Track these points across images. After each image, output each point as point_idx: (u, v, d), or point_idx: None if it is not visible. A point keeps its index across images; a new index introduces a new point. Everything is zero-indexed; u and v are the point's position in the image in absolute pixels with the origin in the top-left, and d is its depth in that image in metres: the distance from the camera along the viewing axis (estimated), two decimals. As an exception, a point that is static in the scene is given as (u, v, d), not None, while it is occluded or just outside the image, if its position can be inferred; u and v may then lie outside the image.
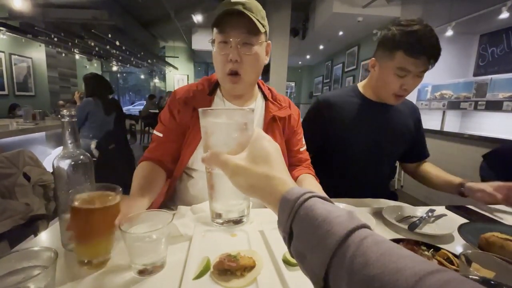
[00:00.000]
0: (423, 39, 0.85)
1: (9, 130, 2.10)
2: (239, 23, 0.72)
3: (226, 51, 0.75)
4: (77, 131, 0.54)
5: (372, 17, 4.08)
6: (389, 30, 0.93)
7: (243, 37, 0.74)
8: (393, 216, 0.75)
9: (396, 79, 0.92)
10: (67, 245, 0.56)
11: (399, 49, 0.89)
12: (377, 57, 0.98)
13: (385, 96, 0.99)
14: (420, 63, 0.87)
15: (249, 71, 0.78)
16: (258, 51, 0.78)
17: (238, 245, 0.59)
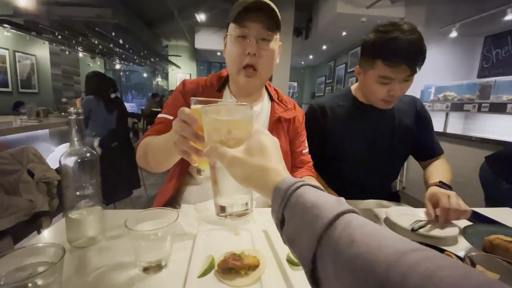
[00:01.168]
0: (401, 48, 0.81)
1: (13, 127, 2.11)
2: (259, 17, 0.73)
3: (244, 45, 0.75)
4: (83, 129, 0.54)
5: (376, 17, 4.06)
6: (368, 37, 0.89)
7: (262, 32, 0.75)
8: (396, 218, 0.75)
9: (380, 86, 0.89)
10: (72, 241, 0.57)
11: (377, 58, 0.86)
12: (361, 65, 0.96)
13: (375, 102, 0.97)
14: (401, 71, 0.84)
15: (265, 67, 0.79)
16: (274, 48, 0.79)
17: (242, 244, 0.59)
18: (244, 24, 0.74)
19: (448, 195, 0.75)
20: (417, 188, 3.36)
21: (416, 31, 0.83)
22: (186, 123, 0.47)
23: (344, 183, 1.01)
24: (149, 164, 0.75)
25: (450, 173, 0.96)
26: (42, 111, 2.77)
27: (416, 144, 1.07)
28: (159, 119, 0.83)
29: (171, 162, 0.69)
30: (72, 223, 0.56)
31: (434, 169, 0.98)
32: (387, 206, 0.97)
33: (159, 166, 0.73)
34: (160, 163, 0.71)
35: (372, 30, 0.89)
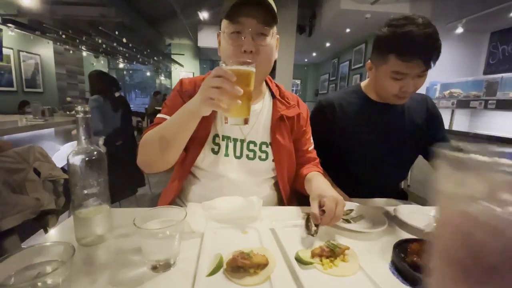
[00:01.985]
0: (416, 42, 0.78)
1: (19, 126, 2.13)
2: (254, 12, 0.71)
3: (239, 41, 0.73)
4: (90, 127, 0.54)
5: (381, 14, 4.02)
6: (381, 31, 0.87)
7: (258, 27, 0.72)
8: (405, 216, 0.74)
9: (393, 82, 0.87)
10: (80, 240, 0.57)
11: (391, 52, 0.83)
12: (372, 59, 0.94)
13: (386, 98, 0.95)
14: (415, 66, 0.81)
15: (264, 63, 0.77)
16: (271, 43, 0.76)
17: (250, 243, 0.59)
18: (237, 19, 0.72)
19: None
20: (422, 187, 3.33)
21: (431, 25, 0.80)
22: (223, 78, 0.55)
23: (352, 181, 0.99)
24: (154, 156, 0.73)
25: None
26: (47, 110, 2.78)
27: (428, 144, 1.04)
28: (158, 120, 0.82)
29: (184, 138, 0.70)
30: (80, 222, 0.56)
31: None
32: (394, 204, 0.96)
33: (167, 153, 0.71)
34: (171, 145, 0.70)
35: (385, 24, 0.86)
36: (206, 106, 0.58)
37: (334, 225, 0.68)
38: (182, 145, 0.72)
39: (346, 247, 0.54)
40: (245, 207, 0.68)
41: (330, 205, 0.63)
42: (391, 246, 0.59)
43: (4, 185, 1.36)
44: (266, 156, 0.85)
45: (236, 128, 0.84)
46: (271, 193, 0.89)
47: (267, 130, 0.86)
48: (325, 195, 0.66)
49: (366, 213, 0.75)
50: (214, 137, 0.83)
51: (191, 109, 0.64)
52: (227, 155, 0.82)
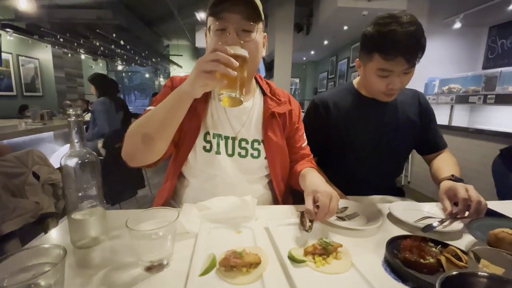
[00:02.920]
0: (397, 40, 0.79)
1: (18, 130, 2.14)
2: (238, 8, 0.70)
3: (224, 39, 0.72)
4: (83, 130, 0.55)
5: (378, 10, 4.01)
6: (367, 30, 0.88)
7: (242, 23, 0.71)
8: (399, 213, 0.74)
9: (379, 79, 0.88)
10: (75, 242, 0.57)
11: (374, 51, 0.85)
12: (360, 57, 0.95)
13: (376, 95, 0.96)
14: (398, 64, 0.83)
15: (250, 60, 0.76)
16: (257, 39, 0.75)
17: (244, 242, 0.59)
18: (221, 16, 0.71)
19: (465, 188, 0.73)
20: (422, 183, 3.33)
21: (415, 23, 0.81)
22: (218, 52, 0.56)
23: (348, 178, 1.00)
24: (140, 144, 0.67)
25: (457, 166, 0.94)
26: (46, 114, 2.80)
27: (420, 139, 1.06)
28: (146, 112, 0.76)
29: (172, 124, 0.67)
30: (75, 224, 0.56)
31: (442, 164, 0.96)
32: (390, 201, 0.96)
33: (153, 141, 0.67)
34: (160, 132, 0.67)
35: (371, 23, 0.87)
36: (201, 80, 0.58)
37: (328, 222, 0.68)
38: (170, 134, 0.69)
39: (339, 245, 0.54)
40: (240, 206, 0.69)
41: (324, 200, 0.63)
42: (384, 243, 0.59)
43: (4, 189, 1.37)
44: (258, 153, 0.85)
45: (227, 126, 0.84)
46: (265, 192, 0.90)
47: (259, 127, 0.86)
48: (319, 190, 0.66)
49: (361, 210, 0.76)
50: (205, 135, 0.83)
51: (183, 89, 0.62)
52: (218, 152, 0.82)
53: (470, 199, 0.71)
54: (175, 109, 0.65)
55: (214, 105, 0.85)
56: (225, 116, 0.84)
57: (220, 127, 0.84)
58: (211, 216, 0.68)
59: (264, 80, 0.93)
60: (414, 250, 0.55)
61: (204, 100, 0.83)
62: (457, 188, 0.74)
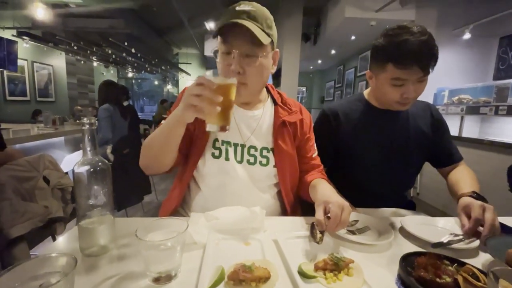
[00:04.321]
0: (412, 49, 0.80)
1: (30, 135, 2.18)
2: (242, 33, 0.71)
3: (229, 61, 0.75)
4: (96, 138, 0.55)
5: (386, 21, 4.02)
6: (378, 42, 0.89)
7: (246, 48, 0.73)
8: (412, 228, 0.72)
9: (393, 89, 0.88)
10: (84, 250, 0.57)
11: (388, 61, 0.85)
12: (372, 69, 0.95)
13: (389, 105, 0.95)
14: (413, 73, 0.83)
15: (254, 81, 0.78)
16: (263, 63, 0.77)
17: (252, 255, 0.58)
18: (226, 39, 0.74)
19: (483, 208, 0.71)
20: (432, 194, 3.25)
21: (426, 32, 0.82)
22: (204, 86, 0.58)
23: (357, 190, 0.98)
24: (150, 159, 0.77)
25: (476, 180, 0.92)
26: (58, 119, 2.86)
27: (434, 151, 1.04)
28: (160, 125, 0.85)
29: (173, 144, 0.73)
30: (85, 232, 0.56)
31: (460, 178, 0.94)
32: (402, 215, 0.94)
33: (159, 158, 0.76)
34: (161, 151, 0.74)
35: (381, 35, 0.88)
36: (188, 112, 0.60)
37: (339, 236, 0.67)
38: (173, 151, 0.75)
39: (351, 260, 0.53)
40: (248, 218, 0.68)
41: (336, 211, 0.62)
42: (397, 259, 0.57)
43: (15, 193, 1.39)
44: (267, 161, 0.85)
45: (236, 133, 0.85)
46: (274, 202, 0.89)
47: (269, 135, 0.87)
48: (331, 201, 0.65)
49: (372, 224, 0.74)
50: (214, 142, 0.84)
51: (176, 116, 0.66)
52: (227, 159, 0.83)
53: (483, 220, 0.68)
54: (171, 134, 0.70)
55: None
56: (234, 123, 0.85)
57: (229, 134, 0.84)
58: (219, 226, 0.67)
59: (276, 90, 0.94)
60: (429, 268, 0.53)
61: None
62: (473, 206, 0.72)
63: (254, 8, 0.74)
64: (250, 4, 0.75)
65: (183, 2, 4.43)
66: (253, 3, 0.75)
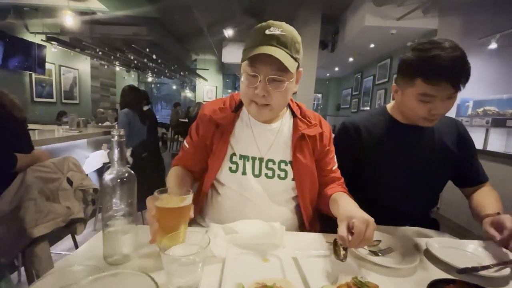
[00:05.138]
0: (443, 65, 0.77)
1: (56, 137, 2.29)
2: (271, 59, 0.70)
3: (254, 84, 0.74)
4: (124, 150, 0.57)
5: (407, 29, 3.94)
6: (406, 56, 0.86)
7: (273, 73, 0.73)
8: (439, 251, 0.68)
9: (421, 104, 0.85)
10: (107, 258, 0.58)
11: (417, 76, 0.82)
12: (398, 83, 0.92)
13: (415, 120, 0.92)
14: (443, 89, 0.80)
15: (277, 103, 0.79)
16: (288, 86, 0.76)
17: (272, 272, 0.57)
18: (253, 64, 0.73)
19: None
20: (453, 209, 3.10)
21: (459, 48, 0.79)
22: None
23: (378, 208, 0.93)
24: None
25: (500, 202, 0.88)
26: (82, 122, 2.98)
27: (459, 170, 0.99)
28: (183, 146, 0.94)
29: None
30: (109, 240, 0.58)
31: (484, 200, 0.90)
32: (425, 235, 0.90)
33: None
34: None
35: (410, 49, 0.86)
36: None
37: (360, 257, 0.65)
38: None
39: (375, 286, 0.51)
40: (268, 233, 0.67)
41: (360, 227, 0.60)
42: (423, 285, 0.54)
43: (40, 193, 1.45)
44: (285, 174, 0.85)
45: (253, 147, 0.85)
46: (292, 216, 0.88)
47: (287, 148, 0.86)
48: (355, 216, 0.63)
49: (395, 245, 0.71)
50: (231, 156, 0.85)
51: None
52: (245, 173, 0.83)
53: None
54: None
55: (240, 126, 0.87)
56: (252, 138, 0.85)
57: (246, 148, 0.85)
58: (238, 240, 0.67)
59: (295, 102, 0.94)
60: (459, 297, 0.50)
61: (231, 122, 0.86)
62: (504, 219, 0.70)
63: (284, 33, 0.72)
64: (280, 27, 0.73)
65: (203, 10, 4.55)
66: (282, 25, 0.74)
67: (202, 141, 0.89)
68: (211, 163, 0.85)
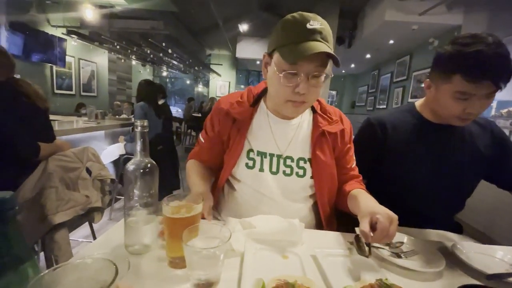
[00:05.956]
0: (486, 63, 0.72)
1: (75, 128, 2.36)
2: (315, 56, 0.65)
3: (294, 82, 0.70)
4: (147, 141, 0.57)
5: (430, 25, 3.79)
6: (445, 50, 0.81)
7: (315, 70, 0.69)
8: (465, 256, 0.65)
9: (456, 102, 0.80)
10: (129, 247, 0.59)
11: (456, 72, 0.76)
12: (432, 78, 0.87)
13: (448, 119, 0.87)
14: (483, 87, 0.74)
15: (312, 99, 0.77)
16: (323, 80, 0.73)
17: (291, 270, 0.56)
18: (296, 61, 0.67)
19: None
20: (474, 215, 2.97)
21: (502, 44, 0.73)
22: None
23: (400, 210, 0.89)
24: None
25: None
26: (100, 114, 3.06)
27: (497, 171, 0.94)
28: (198, 142, 0.95)
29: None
30: (131, 230, 0.58)
31: None
32: (449, 239, 0.86)
33: None
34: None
35: (449, 42, 0.81)
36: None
37: (382, 258, 0.63)
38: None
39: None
40: (287, 230, 0.66)
41: (384, 222, 0.59)
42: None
43: (61, 181, 1.50)
44: (304, 172, 0.83)
45: (271, 143, 0.83)
46: (309, 214, 0.86)
47: (306, 145, 0.84)
48: (378, 211, 0.62)
49: (419, 248, 0.68)
50: (248, 152, 0.83)
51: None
52: (262, 170, 0.82)
53: None
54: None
55: (258, 121, 0.85)
56: (270, 134, 0.84)
57: (264, 144, 0.83)
58: (256, 235, 0.67)
59: None
60: (489, 305, 0.48)
61: (249, 117, 0.84)
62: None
63: (323, 26, 0.68)
64: (316, 19, 0.68)
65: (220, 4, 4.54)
66: (317, 18, 0.69)
67: (218, 137, 0.88)
68: (227, 159, 0.84)
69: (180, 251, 0.53)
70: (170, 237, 0.55)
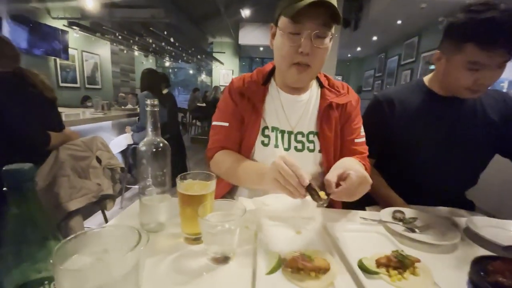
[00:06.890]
0: (500, 29, 0.69)
1: (83, 118, 2.38)
2: (317, 13, 0.67)
3: (297, 42, 0.70)
4: (157, 120, 0.57)
5: (439, 3, 3.64)
6: (456, 18, 0.78)
7: (318, 29, 0.69)
8: (480, 229, 0.65)
9: (468, 73, 0.77)
10: (144, 225, 0.60)
11: (469, 41, 0.74)
12: (443, 49, 0.84)
13: (458, 91, 0.84)
14: (497, 56, 0.72)
15: (317, 63, 0.75)
16: (328, 44, 0.73)
17: (306, 244, 0.57)
18: (299, 20, 0.68)
19: None
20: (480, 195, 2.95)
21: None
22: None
23: (411, 186, 0.90)
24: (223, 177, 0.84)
25: None
26: (106, 105, 3.08)
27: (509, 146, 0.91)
28: (215, 128, 0.86)
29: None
30: (146, 208, 0.59)
31: None
32: (461, 215, 0.85)
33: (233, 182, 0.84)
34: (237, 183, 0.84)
35: (460, 10, 0.77)
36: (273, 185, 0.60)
37: (396, 233, 0.63)
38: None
39: (417, 259, 0.49)
40: (300, 206, 0.67)
41: (354, 179, 0.58)
42: (467, 262, 0.52)
43: (72, 170, 1.53)
44: (314, 146, 0.82)
45: (284, 120, 0.83)
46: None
47: (314, 119, 0.83)
48: (353, 169, 0.61)
49: (433, 222, 0.68)
50: (264, 129, 0.83)
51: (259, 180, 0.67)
52: (277, 146, 0.81)
53: None
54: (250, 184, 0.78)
55: (271, 99, 0.85)
56: (282, 111, 0.83)
57: (277, 121, 0.83)
58: (269, 213, 0.67)
59: (322, 74, 0.90)
60: (507, 273, 0.48)
61: (262, 96, 0.84)
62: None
63: None
64: None
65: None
66: None
67: (239, 113, 0.85)
68: (245, 138, 0.83)
69: (195, 228, 0.54)
70: (185, 214, 0.56)
